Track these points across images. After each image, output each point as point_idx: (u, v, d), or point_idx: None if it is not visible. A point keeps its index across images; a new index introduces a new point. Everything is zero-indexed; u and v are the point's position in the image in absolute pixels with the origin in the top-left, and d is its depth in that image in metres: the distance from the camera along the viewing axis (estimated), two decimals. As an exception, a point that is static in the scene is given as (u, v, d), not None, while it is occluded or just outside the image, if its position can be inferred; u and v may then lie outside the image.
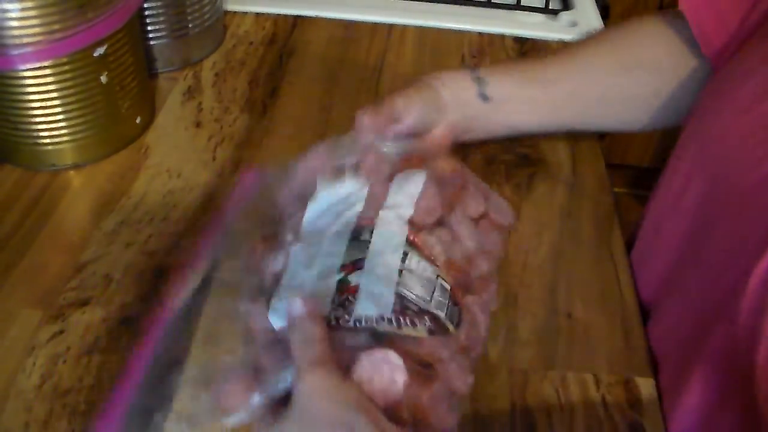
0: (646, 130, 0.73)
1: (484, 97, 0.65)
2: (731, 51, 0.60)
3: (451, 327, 0.49)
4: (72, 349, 0.55)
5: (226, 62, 0.87)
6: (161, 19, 0.81)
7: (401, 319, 0.47)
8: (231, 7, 0.96)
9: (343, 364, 0.43)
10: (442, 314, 0.48)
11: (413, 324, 0.47)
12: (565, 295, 0.62)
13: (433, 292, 0.49)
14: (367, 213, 0.52)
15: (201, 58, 0.87)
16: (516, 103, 0.67)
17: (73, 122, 0.69)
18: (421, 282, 0.49)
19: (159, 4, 0.80)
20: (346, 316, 0.47)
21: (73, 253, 0.63)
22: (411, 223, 0.52)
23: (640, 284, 0.63)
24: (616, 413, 0.53)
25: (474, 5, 0.99)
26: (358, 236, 0.50)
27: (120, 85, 0.71)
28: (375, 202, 0.53)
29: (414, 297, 0.48)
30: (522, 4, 0.98)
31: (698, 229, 0.56)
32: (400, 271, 0.49)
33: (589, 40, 0.71)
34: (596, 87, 0.68)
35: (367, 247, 0.49)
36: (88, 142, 0.71)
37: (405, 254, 0.50)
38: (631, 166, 1.88)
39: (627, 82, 0.68)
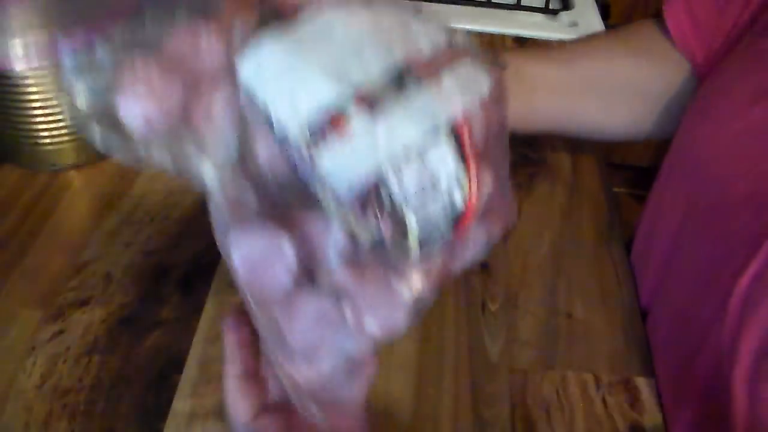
0: (653, 136, 0.69)
1: (501, 64, 0.61)
2: (712, 65, 0.60)
3: (413, 246, 0.36)
4: (72, 349, 0.55)
5: (226, 62, 0.87)
6: (161, 19, 0.81)
7: (354, 205, 0.34)
8: (231, 7, 0.96)
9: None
10: (415, 228, 0.35)
11: (363, 222, 0.34)
12: (565, 295, 0.62)
13: (433, 193, 0.35)
14: (422, 58, 0.37)
15: (201, 58, 0.87)
16: (535, 77, 0.63)
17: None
18: (431, 178, 0.35)
19: (159, 4, 0.80)
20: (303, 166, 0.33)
21: (73, 253, 0.63)
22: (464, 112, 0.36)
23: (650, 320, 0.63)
24: (616, 413, 0.53)
25: (474, 5, 0.99)
26: (403, 74, 0.36)
27: (120, 85, 0.71)
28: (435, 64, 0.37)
29: (396, 190, 0.34)
30: (522, 4, 0.98)
31: (682, 246, 0.57)
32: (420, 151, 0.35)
33: (602, 33, 0.69)
34: (616, 72, 0.65)
35: (403, 95, 0.35)
36: (88, 142, 0.71)
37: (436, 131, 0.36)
38: (631, 166, 1.88)
39: (645, 71, 0.65)
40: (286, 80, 0.34)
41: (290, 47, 0.34)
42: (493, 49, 0.61)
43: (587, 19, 0.97)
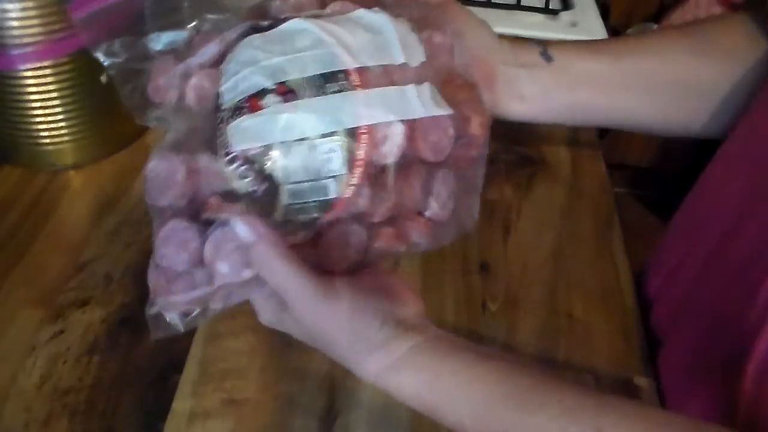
0: (704, 134, 0.65)
1: (548, 57, 0.59)
2: None
3: (279, 209, 0.43)
4: (72, 349, 0.55)
5: (226, 62, 0.87)
6: (161, 19, 0.81)
7: (240, 163, 0.42)
8: (231, 7, 0.96)
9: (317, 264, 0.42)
10: (285, 195, 0.43)
11: (243, 176, 0.42)
12: (565, 295, 0.62)
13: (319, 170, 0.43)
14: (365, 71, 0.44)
15: (201, 58, 0.87)
16: (581, 73, 0.61)
17: (73, 122, 0.69)
18: (315, 164, 0.43)
19: (159, 4, 0.80)
20: (226, 140, 0.42)
21: (73, 253, 0.63)
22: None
23: (658, 311, 0.63)
24: (616, 413, 0.53)
25: (474, 5, 0.98)
26: (330, 80, 0.43)
27: (120, 85, 0.71)
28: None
29: (277, 163, 0.42)
30: (522, 4, 0.98)
31: (724, 239, 0.55)
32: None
33: (661, 29, 0.67)
34: (669, 68, 0.62)
35: (320, 95, 0.43)
36: (88, 142, 0.71)
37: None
38: (631, 166, 1.88)
39: (702, 67, 0.62)
40: (238, 67, 0.44)
41: (258, 44, 0.45)
42: (542, 42, 0.60)
43: (587, 19, 0.97)
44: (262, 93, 0.43)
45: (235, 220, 0.41)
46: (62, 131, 0.69)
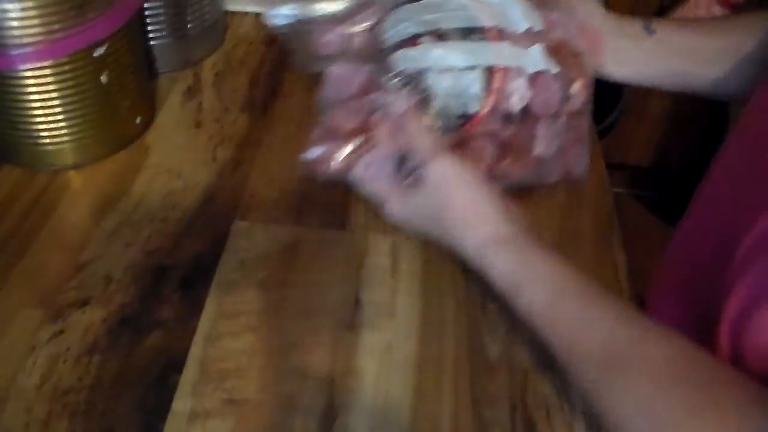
0: None
1: (650, 30, 0.67)
2: None
3: (431, 116, 0.60)
4: (72, 349, 0.55)
5: (226, 62, 0.87)
6: (161, 19, 0.81)
7: (402, 78, 0.58)
8: (231, 7, 0.96)
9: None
10: (435, 106, 0.59)
11: (403, 87, 0.58)
12: (565, 295, 0.62)
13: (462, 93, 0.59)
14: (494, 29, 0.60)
15: (201, 58, 0.87)
16: (679, 45, 0.68)
17: (73, 122, 0.69)
18: (460, 88, 0.58)
19: (159, 4, 0.80)
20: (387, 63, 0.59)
21: (73, 253, 0.63)
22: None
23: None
24: (616, 413, 0.53)
25: (474, 5, 0.98)
26: (472, 31, 0.59)
27: (120, 85, 0.71)
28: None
29: (431, 83, 0.58)
30: (522, 4, 0.98)
31: (705, 203, 0.59)
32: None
33: (753, 10, 0.72)
34: (757, 45, 0.68)
35: (464, 40, 0.59)
36: (88, 142, 0.71)
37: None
38: (631, 166, 1.88)
39: None
40: (397, 23, 0.61)
41: (413, 8, 0.61)
42: (645, 17, 0.69)
43: (587, 19, 0.97)
44: (418, 36, 0.59)
45: (394, 94, 0.56)
46: (62, 131, 0.69)
